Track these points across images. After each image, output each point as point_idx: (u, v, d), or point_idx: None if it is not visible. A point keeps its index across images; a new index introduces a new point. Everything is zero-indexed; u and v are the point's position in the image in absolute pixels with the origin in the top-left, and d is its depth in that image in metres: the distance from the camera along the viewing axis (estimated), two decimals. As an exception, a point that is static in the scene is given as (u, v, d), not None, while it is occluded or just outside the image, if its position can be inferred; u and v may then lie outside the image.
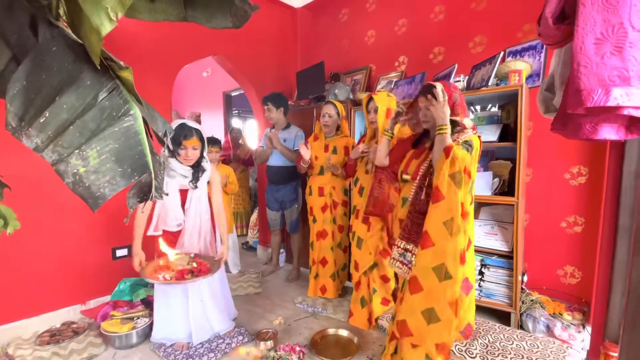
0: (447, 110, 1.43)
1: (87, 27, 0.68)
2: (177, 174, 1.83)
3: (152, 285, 2.57)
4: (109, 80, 0.73)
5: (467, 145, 1.40)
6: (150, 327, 2.12)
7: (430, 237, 1.40)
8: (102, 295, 2.52)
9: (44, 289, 2.27)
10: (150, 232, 1.91)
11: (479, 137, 1.49)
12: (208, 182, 1.99)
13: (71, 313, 2.38)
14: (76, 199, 0.87)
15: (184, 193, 1.91)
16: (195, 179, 1.87)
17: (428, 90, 1.49)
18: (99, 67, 0.71)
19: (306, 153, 2.45)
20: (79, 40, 0.85)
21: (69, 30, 0.91)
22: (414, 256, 1.51)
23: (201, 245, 1.98)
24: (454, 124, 1.49)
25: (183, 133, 1.76)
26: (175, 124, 1.80)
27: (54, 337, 2.07)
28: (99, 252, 2.50)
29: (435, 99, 1.42)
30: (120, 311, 2.20)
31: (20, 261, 2.17)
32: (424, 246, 1.41)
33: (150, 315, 2.17)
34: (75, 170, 0.66)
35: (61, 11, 0.95)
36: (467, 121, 1.50)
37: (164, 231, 1.94)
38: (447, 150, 1.37)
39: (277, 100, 2.85)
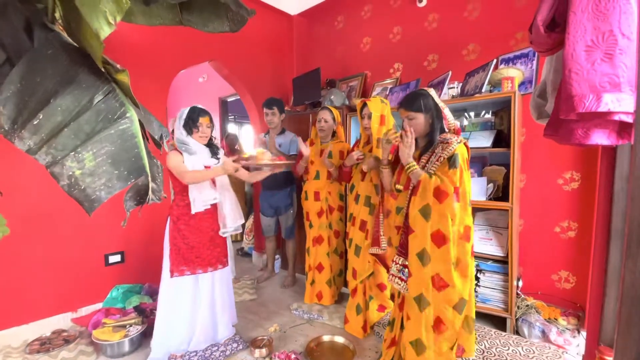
0: (412, 149, 1.51)
1: (86, 31, 0.68)
2: (198, 151, 1.93)
3: (147, 292, 2.55)
4: (105, 82, 0.73)
5: (454, 162, 1.43)
6: (142, 334, 2.08)
7: (409, 268, 1.52)
8: (93, 303, 2.47)
9: (34, 296, 2.22)
10: (195, 210, 1.91)
11: (465, 143, 1.50)
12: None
13: (62, 321, 2.33)
14: (67, 204, 0.86)
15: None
16: (214, 153, 2.01)
17: (407, 105, 1.54)
18: (102, 70, 0.71)
19: (306, 150, 2.47)
20: (75, 44, 0.85)
21: (64, 34, 0.91)
22: None
23: (237, 216, 2.05)
24: (442, 131, 1.54)
25: (197, 111, 1.91)
26: (186, 108, 1.92)
27: (44, 345, 2.03)
28: (91, 258, 2.46)
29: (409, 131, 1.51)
30: (112, 319, 2.16)
31: (9, 267, 2.13)
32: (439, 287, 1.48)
33: (144, 322, 2.13)
34: (70, 173, 0.65)
35: (57, 15, 0.95)
36: (452, 123, 1.54)
37: (199, 213, 1.94)
38: (417, 185, 1.47)
39: (281, 105, 2.90)
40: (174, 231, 1.91)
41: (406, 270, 1.55)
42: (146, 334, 2.11)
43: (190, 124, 1.89)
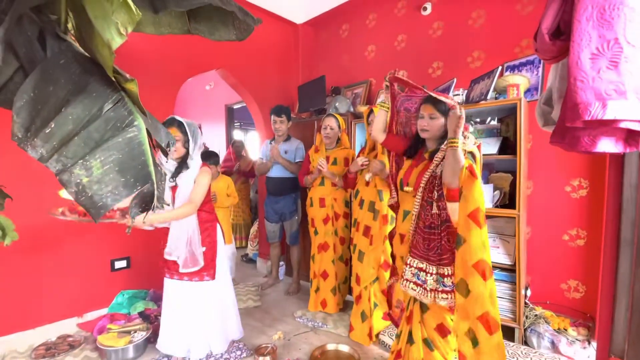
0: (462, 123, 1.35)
1: (98, 42, 0.70)
2: (166, 169, 1.84)
3: (152, 298, 2.55)
4: (114, 91, 0.75)
5: (472, 155, 1.38)
6: (147, 340, 2.09)
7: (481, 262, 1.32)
8: (99, 308, 2.48)
9: (40, 300, 2.24)
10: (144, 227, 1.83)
11: (478, 146, 1.47)
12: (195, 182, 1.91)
13: (67, 326, 2.34)
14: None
15: (172, 190, 1.89)
16: (175, 174, 1.85)
17: (436, 102, 1.46)
18: (113, 79, 0.73)
19: (327, 171, 2.48)
20: (86, 54, 0.87)
21: (76, 44, 0.94)
22: (429, 275, 1.43)
23: (187, 250, 1.88)
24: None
25: (165, 123, 1.81)
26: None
27: (49, 350, 2.04)
28: (97, 263, 2.48)
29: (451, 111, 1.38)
30: (117, 324, 2.17)
31: (16, 273, 2.15)
32: (481, 275, 1.32)
33: (148, 328, 2.14)
34: (78, 180, 0.66)
35: (69, 25, 0.98)
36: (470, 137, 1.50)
37: (158, 228, 1.92)
38: (470, 169, 1.33)
39: (289, 113, 2.94)
40: (163, 235, 1.97)
41: (422, 273, 1.45)
42: (150, 340, 2.11)
43: None
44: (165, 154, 0.80)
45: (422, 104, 1.54)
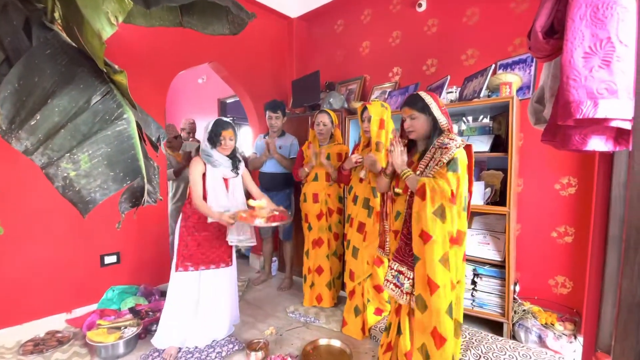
0: (405, 157, 1.53)
1: (87, 32, 0.68)
2: (220, 164, 2.01)
3: (142, 293, 2.53)
4: (102, 83, 0.73)
5: (454, 165, 1.41)
6: (137, 336, 2.07)
7: (434, 280, 1.40)
8: (88, 304, 2.45)
9: (28, 296, 2.20)
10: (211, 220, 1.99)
11: (469, 145, 1.50)
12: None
13: (56, 322, 2.31)
14: (63, 204, 0.86)
15: (225, 182, 2.08)
16: (235, 167, 2.09)
17: (411, 103, 1.55)
18: (103, 70, 0.71)
19: (326, 162, 2.47)
20: (73, 44, 0.84)
21: (63, 34, 0.91)
22: (407, 279, 1.51)
23: (247, 229, 2.08)
24: (440, 133, 1.53)
25: (221, 125, 1.99)
26: (211, 121, 2.01)
27: (37, 346, 2.01)
28: (86, 258, 2.44)
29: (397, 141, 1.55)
30: (107, 320, 2.14)
31: (3, 267, 2.11)
32: (432, 291, 1.41)
33: (139, 324, 2.12)
34: (65, 174, 0.64)
35: (56, 15, 0.95)
36: (453, 136, 1.52)
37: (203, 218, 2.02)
38: (420, 193, 1.42)
39: (284, 109, 2.93)
40: (184, 227, 2.02)
41: (401, 276, 1.53)
42: (141, 336, 2.10)
43: (214, 138, 1.97)
44: (156, 148, 0.78)
45: (401, 109, 1.61)
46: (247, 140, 5.38)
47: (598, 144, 0.85)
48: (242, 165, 2.16)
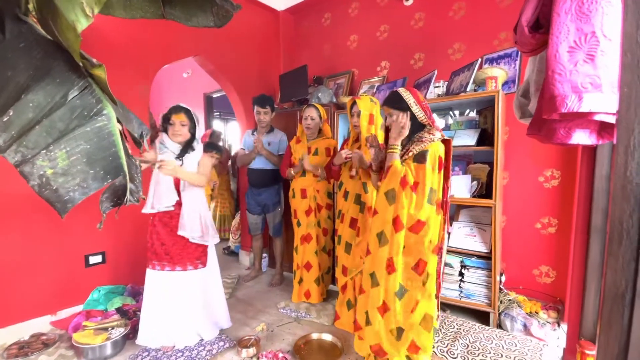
0: (405, 131, 1.54)
1: (62, 24, 0.64)
2: (167, 150, 1.91)
3: (129, 293, 2.48)
4: (80, 78, 0.69)
5: (421, 157, 1.47)
6: (125, 337, 2.03)
7: (369, 246, 1.64)
8: (73, 305, 2.39)
9: (11, 298, 2.13)
10: (146, 211, 1.92)
11: (448, 140, 1.54)
12: (198, 164, 2.01)
13: (40, 324, 2.24)
14: (43, 203, 0.82)
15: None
16: (181, 154, 1.92)
17: (389, 102, 1.60)
18: (80, 64, 0.67)
19: (308, 165, 2.46)
20: (49, 37, 0.81)
21: (38, 26, 0.87)
22: None
23: (202, 227, 1.99)
24: (422, 127, 1.58)
25: (173, 109, 1.90)
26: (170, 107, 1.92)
27: (22, 349, 1.95)
28: (70, 259, 2.38)
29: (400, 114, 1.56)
30: (93, 321, 2.10)
31: (-18, 270, 2.04)
32: (367, 253, 1.65)
33: (126, 324, 2.08)
34: (41, 172, 0.62)
35: (30, 6, 0.91)
36: (437, 122, 1.60)
37: (171, 212, 1.95)
38: (385, 171, 1.53)
39: (273, 104, 2.87)
40: (149, 226, 1.99)
41: None
42: (129, 336, 2.06)
43: (164, 123, 1.91)
44: (138, 145, 0.76)
45: (382, 107, 1.69)
46: (235, 135, 5.30)
47: (582, 137, 0.87)
48: (194, 155, 1.97)
